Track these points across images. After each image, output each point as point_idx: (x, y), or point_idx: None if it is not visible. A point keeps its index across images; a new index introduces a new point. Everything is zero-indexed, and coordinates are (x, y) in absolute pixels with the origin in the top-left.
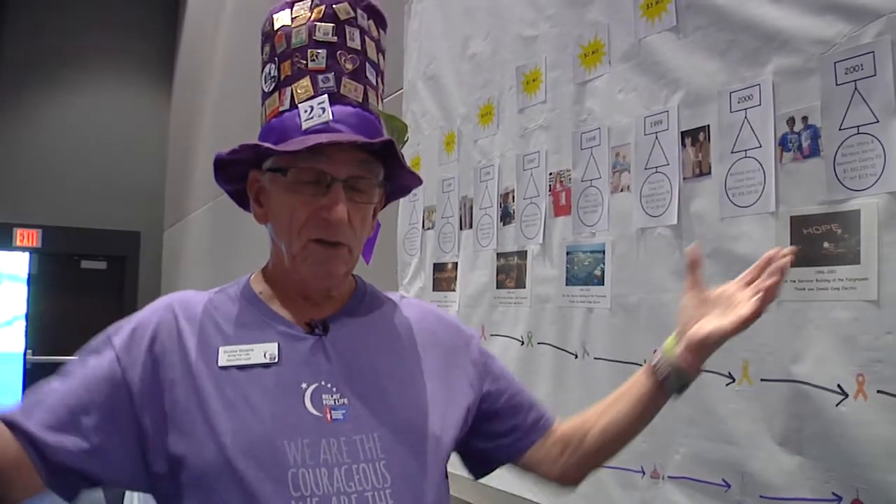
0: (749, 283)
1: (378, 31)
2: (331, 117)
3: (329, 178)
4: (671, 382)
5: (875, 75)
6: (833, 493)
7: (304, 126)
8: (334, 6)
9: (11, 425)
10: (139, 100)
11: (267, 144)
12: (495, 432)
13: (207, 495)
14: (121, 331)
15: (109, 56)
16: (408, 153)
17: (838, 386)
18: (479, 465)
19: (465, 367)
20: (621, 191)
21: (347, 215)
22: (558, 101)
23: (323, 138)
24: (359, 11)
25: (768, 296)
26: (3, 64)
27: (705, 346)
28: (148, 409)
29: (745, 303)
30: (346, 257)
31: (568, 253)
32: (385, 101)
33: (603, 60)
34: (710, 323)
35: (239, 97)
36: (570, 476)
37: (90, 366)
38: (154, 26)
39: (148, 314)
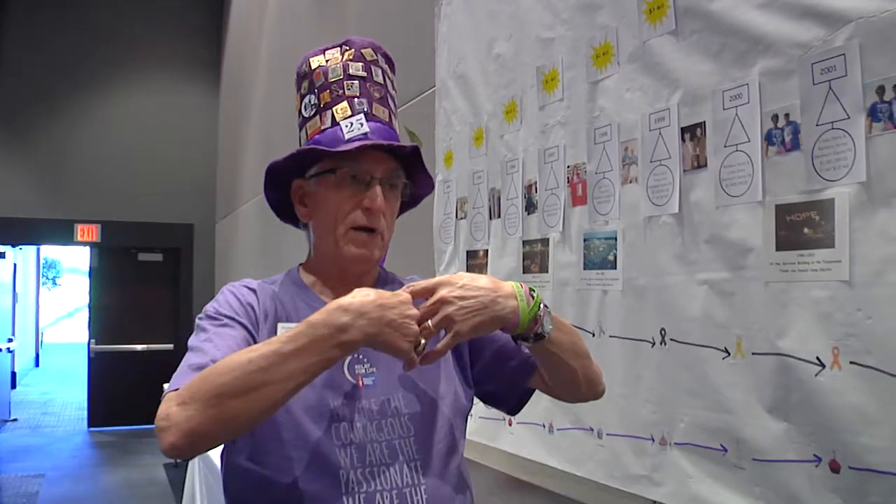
0: None
1: (392, 74)
2: (368, 129)
3: (369, 177)
4: None
5: (846, 76)
6: (814, 455)
7: (347, 137)
8: (362, 50)
9: None
10: (189, 98)
11: (322, 147)
12: (495, 376)
13: (265, 443)
14: (228, 303)
15: (160, 56)
16: (441, 147)
17: (817, 358)
18: (503, 404)
19: None
20: (630, 182)
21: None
22: (574, 99)
23: (369, 142)
24: (379, 55)
25: None
26: (62, 68)
27: None
28: None
29: None
30: (380, 242)
31: (585, 240)
32: (419, 97)
33: (612, 61)
34: None
35: (283, 95)
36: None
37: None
38: (201, 25)
39: (242, 292)
